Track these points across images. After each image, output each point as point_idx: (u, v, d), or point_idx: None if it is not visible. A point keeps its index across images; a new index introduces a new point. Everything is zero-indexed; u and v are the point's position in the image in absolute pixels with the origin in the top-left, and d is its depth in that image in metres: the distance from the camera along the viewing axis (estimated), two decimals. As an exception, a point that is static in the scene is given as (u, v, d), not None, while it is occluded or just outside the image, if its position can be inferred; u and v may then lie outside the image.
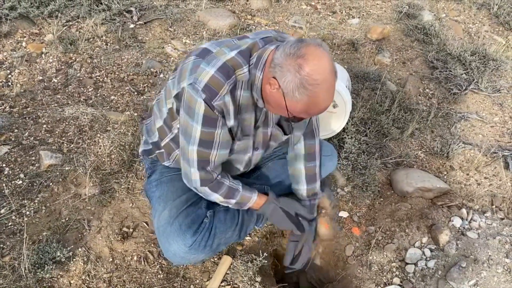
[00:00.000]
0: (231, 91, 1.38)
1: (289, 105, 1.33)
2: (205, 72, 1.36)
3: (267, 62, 1.37)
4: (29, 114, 2.36)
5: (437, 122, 2.61)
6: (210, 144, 1.46)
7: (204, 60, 1.38)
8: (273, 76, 1.32)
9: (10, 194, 1.94)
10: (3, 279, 1.66)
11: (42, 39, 2.88)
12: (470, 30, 3.55)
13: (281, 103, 1.34)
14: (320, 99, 1.31)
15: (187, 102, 1.39)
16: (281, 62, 1.29)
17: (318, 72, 1.26)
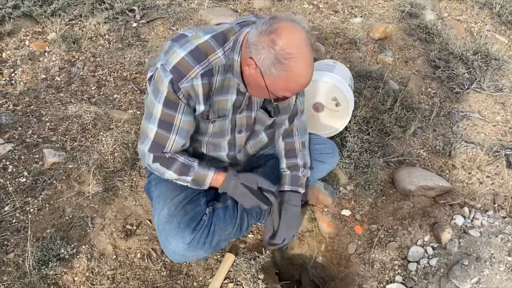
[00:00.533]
0: (203, 75, 1.37)
1: (268, 83, 1.32)
2: (176, 54, 1.36)
3: (243, 44, 1.36)
4: (33, 112, 2.37)
5: (439, 121, 2.61)
6: (169, 127, 1.44)
7: (178, 43, 1.38)
8: (250, 57, 1.31)
9: (14, 191, 1.95)
10: (7, 276, 1.67)
11: (45, 38, 2.89)
12: (472, 29, 3.55)
13: (261, 82, 1.33)
14: (298, 73, 1.29)
15: (156, 81, 1.40)
16: (255, 41, 1.28)
17: (292, 45, 1.25)
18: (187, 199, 1.66)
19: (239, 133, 1.63)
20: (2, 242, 1.77)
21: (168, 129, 1.45)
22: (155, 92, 1.40)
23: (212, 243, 1.63)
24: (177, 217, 1.60)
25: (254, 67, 1.31)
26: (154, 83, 1.40)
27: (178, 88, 1.36)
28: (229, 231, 1.70)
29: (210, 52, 1.38)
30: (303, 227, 2.08)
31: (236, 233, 1.73)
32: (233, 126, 1.59)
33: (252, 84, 1.40)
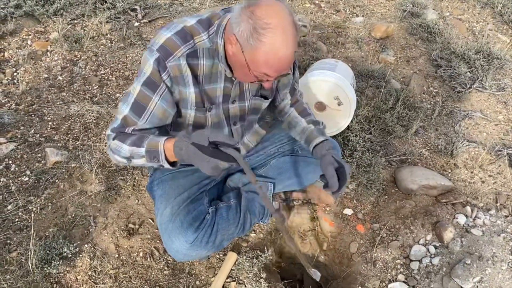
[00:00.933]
0: (188, 56, 1.37)
1: (248, 59, 1.28)
2: (162, 35, 1.37)
3: (226, 28, 1.36)
4: (35, 112, 2.38)
5: (441, 120, 2.61)
6: (141, 110, 1.40)
7: (164, 27, 1.40)
8: (231, 34, 1.29)
9: (17, 190, 1.95)
10: (10, 275, 1.67)
11: (47, 37, 2.90)
12: (474, 28, 3.55)
13: (242, 60, 1.29)
14: (277, 45, 1.23)
15: (141, 64, 1.40)
16: (236, 16, 1.26)
17: (270, 16, 1.22)
18: (190, 199, 1.66)
19: (234, 125, 1.63)
20: (5, 241, 1.77)
21: (140, 113, 1.41)
22: (139, 74, 1.40)
23: (215, 242, 1.64)
24: (180, 216, 1.60)
25: (235, 42, 1.29)
26: (140, 66, 1.41)
27: (164, 67, 1.35)
28: (232, 230, 1.70)
29: (195, 34, 1.38)
30: (305, 226, 2.08)
31: (239, 232, 1.74)
32: (227, 117, 1.58)
33: (236, 65, 1.37)
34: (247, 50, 1.26)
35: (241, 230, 1.75)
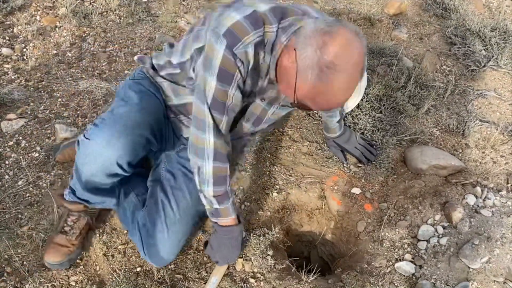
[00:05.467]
0: (256, 45, 1.23)
1: (299, 85, 1.16)
2: (230, 17, 1.22)
3: (296, 32, 1.22)
4: (44, 88, 2.38)
5: (454, 99, 2.56)
6: (221, 108, 1.33)
7: (232, 8, 1.24)
8: (294, 48, 1.17)
9: (27, 166, 1.98)
10: (21, 249, 1.71)
11: (55, 13, 2.88)
12: (491, 5, 3.45)
13: (291, 80, 1.18)
14: (333, 90, 1.14)
15: (206, 51, 1.26)
16: (307, 34, 1.14)
17: (341, 56, 1.09)
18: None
19: (245, 122, 1.57)
20: (16, 216, 1.81)
21: (221, 109, 1.33)
22: (206, 63, 1.26)
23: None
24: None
25: (293, 60, 1.17)
26: (204, 53, 1.27)
27: (234, 54, 1.22)
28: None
29: (267, 23, 1.23)
30: (312, 205, 2.09)
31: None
32: (244, 110, 1.50)
33: (283, 78, 1.27)
34: (302, 77, 1.14)
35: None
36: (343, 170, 2.14)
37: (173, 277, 1.71)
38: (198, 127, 1.38)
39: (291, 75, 1.18)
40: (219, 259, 1.68)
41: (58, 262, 1.64)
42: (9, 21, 2.75)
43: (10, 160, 2.00)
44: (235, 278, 1.73)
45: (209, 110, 1.33)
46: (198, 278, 1.73)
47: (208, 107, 1.32)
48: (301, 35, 1.16)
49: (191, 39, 1.40)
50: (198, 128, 1.38)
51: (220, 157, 1.42)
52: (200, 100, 1.33)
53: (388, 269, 1.79)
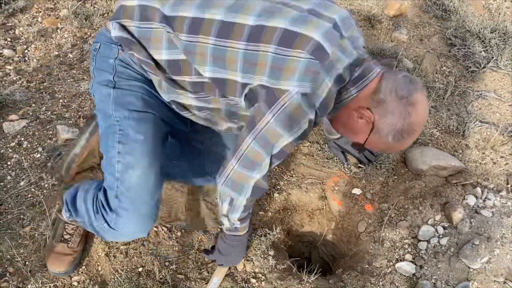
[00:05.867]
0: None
1: (371, 140, 1.31)
2: (324, 84, 1.19)
3: (368, 87, 1.27)
4: (46, 89, 2.39)
5: (454, 100, 2.57)
6: (284, 156, 1.33)
7: (324, 69, 1.18)
8: (367, 107, 1.25)
9: (29, 167, 1.98)
10: (24, 249, 1.71)
11: (57, 14, 2.89)
12: (490, 6, 3.46)
13: (362, 134, 1.31)
14: (404, 146, 1.31)
15: (291, 112, 1.19)
16: (388, 101, 1.23)
17: (420, 124, 1.26)
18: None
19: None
20: (19, 216, 1.81)
21: (281, 158, 1.33)
22: (287, 124, 1.22)
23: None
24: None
25: (368, 121, 1.27)
26: (288, 112, 1.19)
27: (318, 123, 1.27)
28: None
29: (344, 85, 1.27)
30: (313, 205, 2.09)
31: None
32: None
33: (348, 126, 1.36)
34: (379, 137, 1.28)
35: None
36: (343, 170, 2.14)
37: (174, 277, 1.72)
38: (247, 167, 1.33)
39: (361, 130, 1.31)
40: (225, 262, 1.71)
41: (63, 272, 1.65)
42: (10, 23, 2.76)
43: (12, 161, 2.01)
44: (236, 278, 1.74)
45: (270, 159, 1.31)
46: (200, 278, 1.74)
47: (270, 157, 1.30)
48: (380, 100, 1.24)
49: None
50: (246, 167, 1.33)
51: (257, 192, 1.40)
52: (263, 148, 1.28)
53: (388, 269, 1.80)
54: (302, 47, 1.17)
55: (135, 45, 1.36)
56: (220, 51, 1.25)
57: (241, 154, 1.31)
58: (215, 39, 1.24)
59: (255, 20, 1.22)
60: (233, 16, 1.24)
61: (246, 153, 1.30)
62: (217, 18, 1.25)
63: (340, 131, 1.44)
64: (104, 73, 1.43)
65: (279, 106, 1.19)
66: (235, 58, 1.23)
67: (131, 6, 1.36)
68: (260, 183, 1.37)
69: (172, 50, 1.32)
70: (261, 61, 1.20)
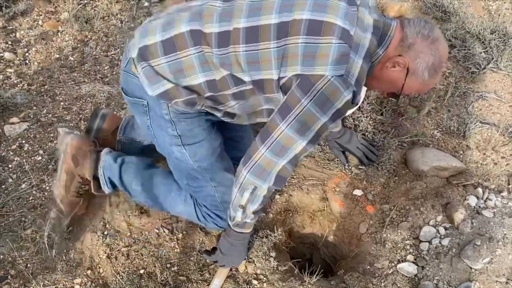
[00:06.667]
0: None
1: (408, 83, 1.39)
2: (355, 64, 1.29)
3: (393, 40, 1.36)
4: (47, 92, 2.40)
5: (454, 101, 2.58)
6: (317, 140, 1.36)
7: (352, 49, 1.28)
8: (400, 55, 1.35)
9: (30, 169, 1.99)
10: (25, 251, 1.71)
11: (58, 17, 2.90)
12: (490, 7, 3.46)
13: (398, 81, 1.40)
14: (438, 80, 1.42)
15: (327, 93, 1.27)
16: (417, 43, 1.33)
17: (446, 56, 1.37)
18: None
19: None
20: (20, 219, 1.82)
21: (316, 141, 1.37)
22: (324, 105, 1.28)
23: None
24: None
25: (403, 67, 1.36)
26: (324, 94, 1.27)
27: (354, 101, 1.32)
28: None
29: (372, 52, 1.36)
30: (315, 207, 2.09)
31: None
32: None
33: (383, 79, 1.43)
34: (413, 78, 1.38)
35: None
36: (344, 172, 2.14)
37: (176, 279, 1.72)
38: (277, 153, 1.36)
39: (397, 77, 1.40)
40: (226, 263, 1.70)
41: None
42: (11, 26, 2.77)
43: (13, 163, 2.01)
44: (238, 279, 1.74)
45: (304, 144, 1.35)
46: (201, 280, 1.74)
47: (304, 142, 1.34)
48: (409, 45, 1.34)
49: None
50: (276, 154, 1.37)
51: (279, 181, 1.43)
52: (297, 133, 1.33)
53: (390, 270, 1.80)
54: (330, 33, 1.27)
55: (174, 91, 1.44)
56: (253, 55, 1.34)
57: (273, 140, 1.35)
58: (245, 46, 1.33)
59: (277, 17, 1.30)
60: (255, 21, 1.32)
61: (278, 139, 1.34)
62: (241, 26, 1.33)
63: (376, 86, 1.52)
64: (167, 129, 1.56)
65: (316, 90, 1.27)
66: (268, 58, 1.32)
67: (154, 43, 1.42)
68: (285, 170, 1.40)
69: (207, 72, 1.40)
70: (292, 53, 1.29)
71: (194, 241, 1.85)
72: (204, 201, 1.73)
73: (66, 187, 1.78)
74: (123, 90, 1.60)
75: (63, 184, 1.77)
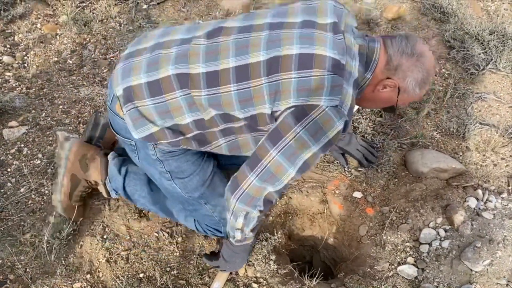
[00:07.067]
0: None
1: (401, 99, 1.45)
2: (348, 94, 1.31)
3: (378, 64, 1.39)
4: (45, 95, 2.39)
5: (453, 103, 2.57)
6: (306, 169, 1.36)
7: (344, 79, 1.29)
8: (387, 77, 1.39)
9: (29, 173, 1.98)
10: (24, 256, 1.71)
11: (56, 21, 2.89)
12: (489, 8, 3.46)
13: (391, 100, 1.46)
14: (429, 87, 1.50)
15: (320, 122, 1.27)
16: (402, 63, 1.36)
17: (432, 66, 1.41)
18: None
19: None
20: (19, 223, 1.81)
21: (303, 170, 1.36)
22: (316, 134, 1.29)
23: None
24: None
25: (393, 87, 1.41)
26: (317, 123, 1.27)
27: (345, 130, 1.34)
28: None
29: (360, 79, 1.40)
30: (314, 209, 2.09)
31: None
32: None
33: (375, 100, 1.49)
34: (405, 95, 1.43)
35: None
36: (344, 174, 2.14)
37: (176, 283, 1.71)
38: (267, 180, 1.36)
39: (389, 97, 1.45)
40: (228, 268, 1.70)
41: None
42: (10, 29, 2.76)
43: (12, 167, 2.01)
44: (238, 283, 1.74)
45: (293, 172, 1.35)
46: (201, 283, 1.73)
47: (295, 170, 1.34)
48: (395, 66, 1.37)
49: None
50: (266, 181, 1.36)
51: (267, 205, 1.43)
52: (287, 160, 1.32)
53: (390, 272, 1.80)
54: (322, 66, 1.28)
55: (159, 134, 1.45)
56: (245, 93, 1.33)
57: (263, 167, 1.34)
58: (236, 85, 1.33)
59: (265, 54, 1.30)
60: (244, 59, 1.31)
61: (268, 166, 1.33)
62: (230, 66, 1.32)
63: (371, 106, 1.61)
64: (155, 166, 1.59)
65: (310, 119, 1.28)
66: (261, 94, 1.32)
67: (138, 84, 1.41)
68: (271, 196, 1.40)
69: (194, 113, 1.40)
70: (286, 88, 1.29)
71: (193, 244, 1.84)
72: (203, 220, 1.74)
73: (69, 193, 1.78)
74: (111, 126, 1.61)
75: (65, 190, 1.77)
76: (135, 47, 1.49)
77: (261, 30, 1.36)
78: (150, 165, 1.61)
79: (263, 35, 1.34)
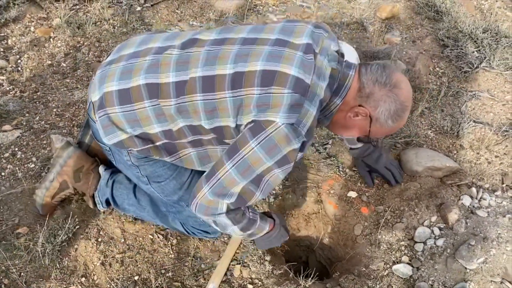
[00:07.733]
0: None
1: (374, 130, 1.41)
2: (309, 113, 1.29)
3: (350, 90, 1.37)
4: (39, 99, 2.39)
5: (447, 101, 2.58)
6: (260, 184, 1.35)
7: (307, 99, 1.28)
8: (359, 105, 1.36)
9: (23, 177, 1.98)
10: (19, 260, 1.70)
11: (50, 24, 2.89)
12: (482, 6, 3.47)
13: (363, 128, 1.42)
14: (404, 122, 1.42)
15: (275, 140, 1.26)
16: (375, 92, 1.34)
17: (409, 98, 1.38)
18: None
19: None
20: (13, 227, 1.80)
21: (258, 187, 1.35)
22: (271, 151, 1.27)
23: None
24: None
25: (364, 116, 1.38)
26: (272, 140, 1.26)
27: (303, 150, 1.33)
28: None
29: (327, 101, 1.38)
30: (309, 209, 2.09)
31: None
32: None
33: (347, 127, 1.46)
34: (378, 125, 1.39)
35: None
36: (339, 174, 2.14)
37: (171, 285, 1.71)
38: (217, 193, 1.35)
39: (362, 126, 1.42)
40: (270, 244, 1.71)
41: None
42: (3, 33, 2.76)
43: (6, 171, 2.00)
44: (233, 284, 1.74)
45: (246, 185, 1.34)
46: (196, 285, 1.73)
47: (248, 183, 1.33)
48: (367, 94, 1.35)
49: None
50: (216, 194, 1.35)
51: (237, 203, 1.39)
52: (241, 175, 1.32)
53: (385, 271, 1.80)
54: (283, 84, 1.27)
55: (128, 142, 1.47)
56: (210, 104, 1.34)
57: (216, 180, 1.34)
58: (202, 95, 1.34)
59: (232, 68, 1.32)
60: (211, 70, 1.33)
61: (222, 179, 1.33)
62: (198, 75, 1.34)
63: (343, 133, 1.52)
64: (132, 170, 1.62)
65: (265, 134, 1.27)
66: (225, 107, 1.33)
67: (110, 91, 1.44)
68: (236, 204, 1.39)
69: (162, 123, 1.42)
70: (247, 103, 1.30)
71: (188, 246, 1.84)
72: (187, 221, 1.75)
73: (54, 195, 1.81)
74: (92, 131, 1.64)
75: (52, 192, 1.79)
76: (116, 54, 1.52)
77: (233, 44, 1.37)
78: (127, 169, 1.64)
79: (234, 49, 1.35)
